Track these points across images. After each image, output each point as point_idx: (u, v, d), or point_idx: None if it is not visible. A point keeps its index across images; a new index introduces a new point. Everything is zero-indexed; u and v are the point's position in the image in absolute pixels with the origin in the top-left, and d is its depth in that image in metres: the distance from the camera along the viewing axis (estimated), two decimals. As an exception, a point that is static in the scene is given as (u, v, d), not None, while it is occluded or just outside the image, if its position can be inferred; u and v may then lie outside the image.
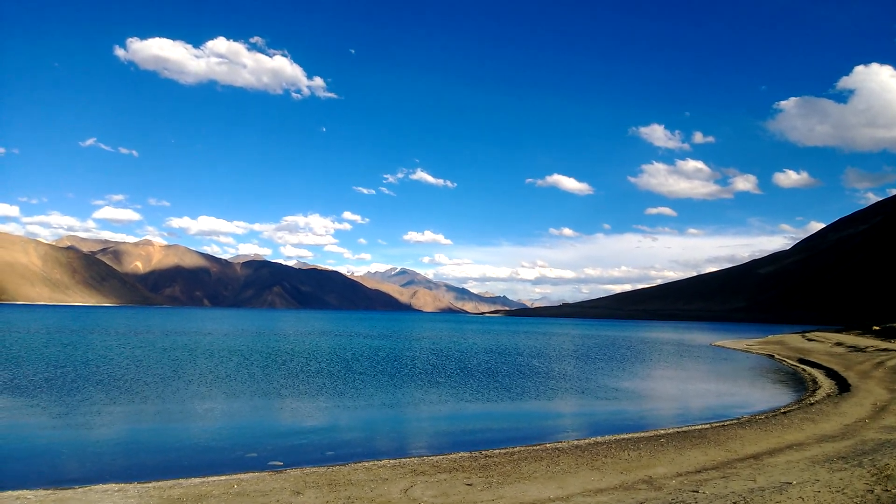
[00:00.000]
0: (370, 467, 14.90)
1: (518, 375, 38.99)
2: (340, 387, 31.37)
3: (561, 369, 44.45)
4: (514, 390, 32.04)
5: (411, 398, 28.47)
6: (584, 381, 37.22)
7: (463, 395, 30.00)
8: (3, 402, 23.77)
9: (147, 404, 24.55)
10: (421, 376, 37.04)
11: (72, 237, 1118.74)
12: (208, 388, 29.82)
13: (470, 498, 11.99)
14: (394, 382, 33.70)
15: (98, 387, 28.51)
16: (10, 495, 11.90)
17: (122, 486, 12.77)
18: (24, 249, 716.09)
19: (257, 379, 33.56)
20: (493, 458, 15.89)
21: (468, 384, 33.83)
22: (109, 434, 19.36)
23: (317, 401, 27.07)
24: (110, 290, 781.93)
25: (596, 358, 57.04)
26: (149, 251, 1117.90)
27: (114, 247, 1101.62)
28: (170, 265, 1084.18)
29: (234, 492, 12.39)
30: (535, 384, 34.79)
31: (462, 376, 37.61)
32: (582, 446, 17.68)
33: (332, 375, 36.08)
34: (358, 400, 27.59)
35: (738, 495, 11.22)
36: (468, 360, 49.71)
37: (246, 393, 28.76)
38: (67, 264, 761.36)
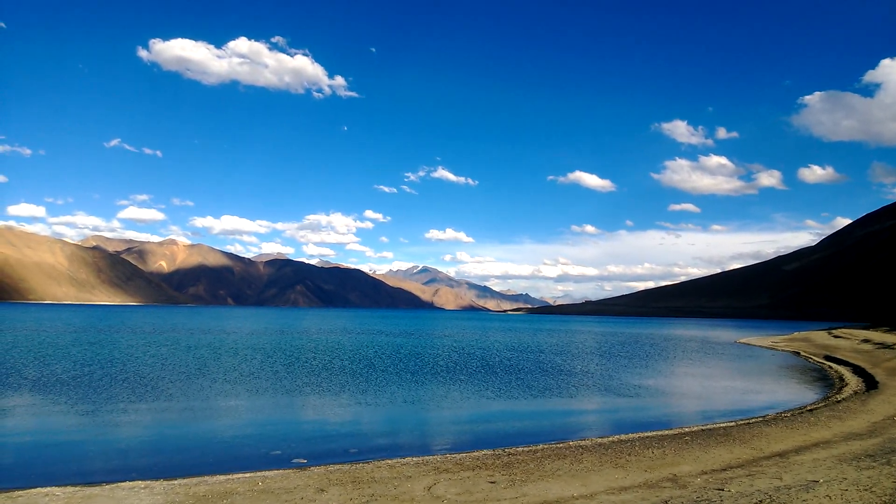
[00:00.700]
0: (393, 465, 14.95)
1: (540, 373, 38.87)
2: (363, 384, 31.51)
3: (584, 367, 44.25)
4: (537, 388, 31.96)
5: (434, 396, 28.51)
6: (607, 378, 37.02)
7: (485, 392, 29.99)
8: (32, 400, 24.21)
9: (172, 402, 24.86)
10: (443, 374, 37.09)
11: (97, 237, 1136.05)
12: (232, 385, 30.12)
13: (493, 496, 11.99)
14: (416, 380, 33.78)
15: (124, 385, 28.93)
16: (40, 492, 12.12)
17: (149, 484, 12.94)
18: (50, 249, 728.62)
19: (281, 377, 33.82)
20: (517, 456, 15.87)
21: (490, 382, 33.80)
22: (135, 432, 19.63)
23: (340, 398, 27.22)
24: (135, 289, 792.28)
25: (619, 355, 56.70)
26: (173, 251, 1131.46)
27: (138, 246, 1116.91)
28: (194, 264, 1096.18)
29: (258, 489, 12.50)
30: (558, 382, 34.66)
31: (484, 374, 37.59)
32: (605, 444, 17.58)
33: (354, 373, 36.26)
34: (380, 397, 27.69)
35: (763, 493, 11.09)
36: (490, 358, 49.67)
37: (270, 391, 29.01)
38: (93, 264, 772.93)
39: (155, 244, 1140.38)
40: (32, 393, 25.94)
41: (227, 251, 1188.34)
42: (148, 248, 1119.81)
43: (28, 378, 30.30)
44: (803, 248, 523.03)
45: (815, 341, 74.20)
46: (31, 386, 27.86)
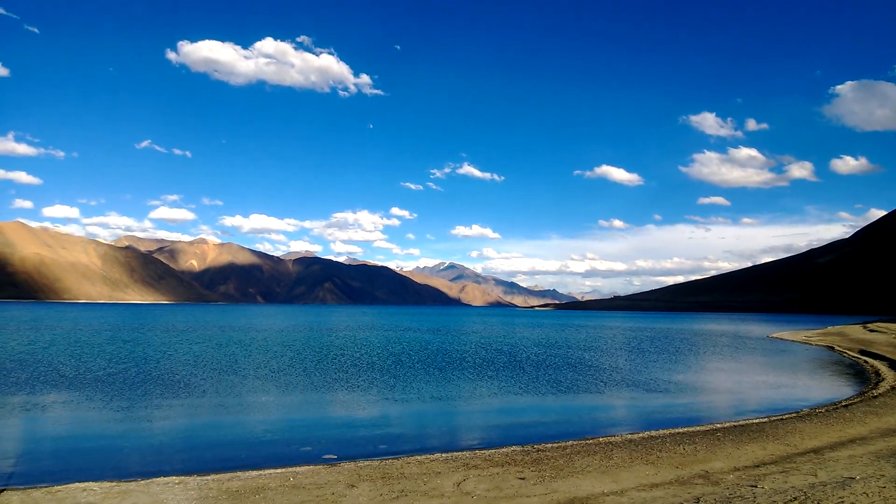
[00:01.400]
0: (422, 461, 15.01)
1: (569, 369, 38.69)
2: (391, 381, 31.66)
3: (612, 362, 43.95)
4: (565, 384, 31.82)
5: (462, 392, 28.54)
6: (636, 374, 36.71)
7: (513, 388, 29.94)
8: (69, 398, 24.75)
9: (205, 399, 25.23)
10: (471, 370, 37.11)
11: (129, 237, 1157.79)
12: (263, 382, 30.48)
13: (523, 492, 11.98)
14: (444, 376, 33.85)
15: (158, 382, 29.45)
16: (77, 487, 12.40)
17: (183, 479, 13.16)
18: (84, 250, 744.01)
19: (310, 373, 34.13)
20: (546, 452, 15.83)
21: (518, 378, 33.74)
22: (169, 428, 19.98)
23: (368, 394, 27.38)
24: (167, 287, 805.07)
25: (648, 351, 56.19)
26: (203, 249, 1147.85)
27: (170, 246, 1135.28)
28: (224, 263, 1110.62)
29: (290, 484, 12.64)
30: (587, 377, 34.48)
31: (512, 370, 37.53)
32: (636, 440, 17.45)
33: (382, 369, 36.45)
34: (409, 394, 27.79)
35: (798, 490, 10.91)
36: (518, 354, 49.57)
37: (299, 387, 29.29)
38: (126, 263, 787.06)
39: (186, 243, 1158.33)
40: (70, 390, 26.53)
41: (256, 250, 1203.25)
42: (179, 247, 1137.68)
43: (66, 375, 30.99)
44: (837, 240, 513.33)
45: (849, 336, 72.76)
46: (69, 383, 28.49)
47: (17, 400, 23.87)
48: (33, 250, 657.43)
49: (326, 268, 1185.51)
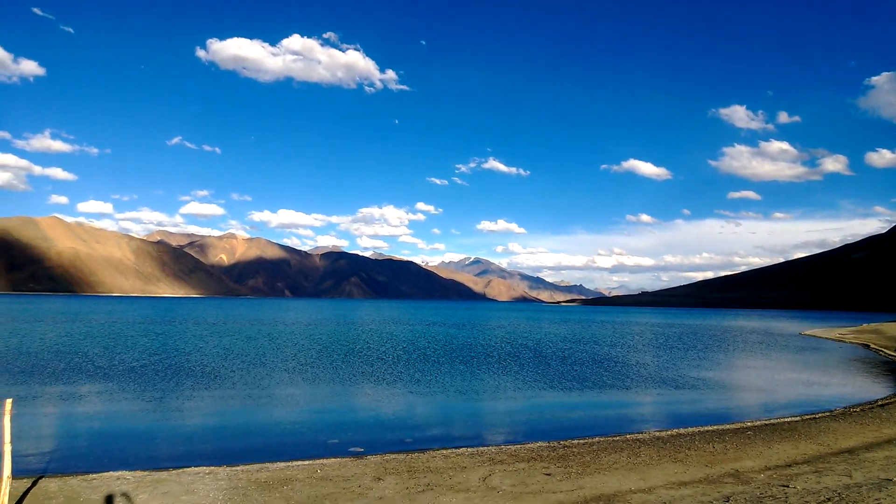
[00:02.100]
0: (448, 455, 15.04)
1: (595, 365, 38.45)
2: (417, 375, 31.75)
3: (640, 359, 43.56)
4: (592, 380, 31.62)
5: (487, 387, 28.52)
6: (664, 370, 36.35)
7: (539, 384, 29.84)
8: (104, 388, 25.26)
9: (234, 391, 25.56)
10: (496, 365, 37.07)
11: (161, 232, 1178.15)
12: (291, 375, 30.78)
13: (549, 488, 11.94)
14: (469, 371, 33.85)
15: (189, 374, 29.92)
16: (111, 475, 12.66)
17: (213, 469, 13.36)
18: (118, 244, 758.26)
19: (337, 367, 34.38)
20: (572, 449, 15.76)
21: (544, 373, 33.62)
22: (200, 419, 20.28)
23: (395, 388, 27.49)
24: (197, 281, 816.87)
25: (676, 347, 55.59)
26: (232, 244, 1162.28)
27: (200, 240, 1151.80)
28: (252, 257, 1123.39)
29: (317, 476, 12.76)
30: (613, 374, 34.22)
31: (538, 365, 37.41)
32: (664, 438, 17.29)
33: (408, 364, 36.58)
34: (434, 388, 27.85)
35: (832, 491, 10.71)
36: (544, 350, 49.39)
37: (327, 380, 29.53)
38: (158, 258, 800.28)
39: (215, 238, 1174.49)
40: (104, 381, 27.08)
41: (283, 244, 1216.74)
42: (209, 241, 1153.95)
43: (101, 367, 31.65)
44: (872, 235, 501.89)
45: (886, 333, 71.19)
46: (104, 374, 29.09)
47: (54, 390, 24.43)
48: (69, 245, 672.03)
49: (353, 262, 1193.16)
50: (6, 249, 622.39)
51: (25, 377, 27.74)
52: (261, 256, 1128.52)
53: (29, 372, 29.36)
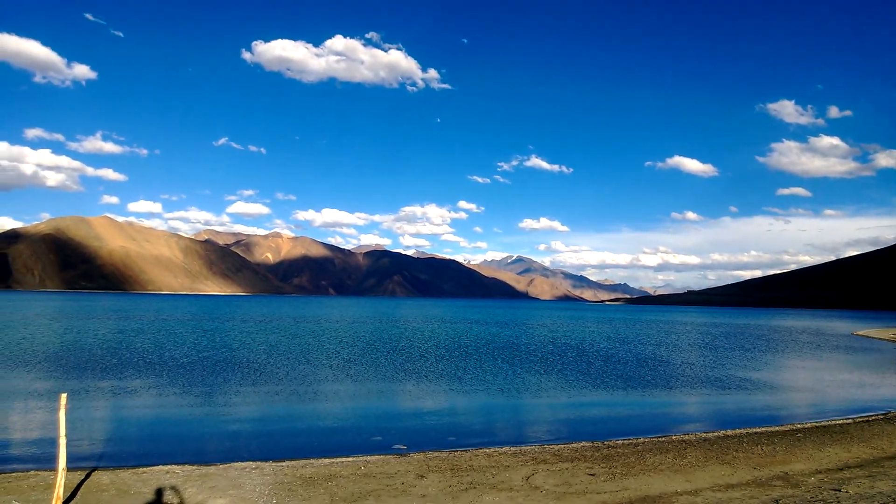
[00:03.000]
0: (491, 454, 15.02)
1: (639, 364, 37.92)
2: (459, 373, 31.79)
3: (685, 358, 42.80)
4: (636, 379, 31.20)
5: (529, 385, 28.37)
6: (710, 370, 35.64)
7: (582, 383, 29.57)
8: (154, 384, 25.95)
9: (279, 387, 25.97)
10: (539, 364, 36.85)
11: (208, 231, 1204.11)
12: (335, 372, 31.14)
13: (593, 488, 11.83)
14: (512, 369, 33.74)
15: (236, 370, 30.54)
16: (161, 469, 13.00)
17: (259, 465, 13.60)
18: (167, 243, 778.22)
19: (380, 364, 34.65)
20: (616, 449, 15.58)
21: (587, 372, 33.31)
22: (246, 415, 20.67)
23: (437, 386, 27.58)
24: (243, 279, 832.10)
25: (723, 347, 54.44)
26: (278, 243, 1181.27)
27: (246, 239, 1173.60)
28: (297, 256, 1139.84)
29: (361, 473, 12.89)
30: (658, 374, 33.71)
31: (581, 364, 37.07)
32: (710, 439, 16.96)
33: (451, 362, 36.63)
34: (477, 386, 27.84)
35: (886, 496, 10.37)
36: (587, 349, 48.93)
37: (370, 377, 29.78)
38: (205, 256, 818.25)
39: (261, 237, 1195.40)
40: (154, 376, 27.84)
41: (328, 243, 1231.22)
42: (254, 240, 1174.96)
43: (151, 363, 32.54)
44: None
45: (945, 334, 68.50)
46: (154, 370, 29.90)
47: (106, 385, 25.21)
48: (120, 244, 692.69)
49: (395, 261, 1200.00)
50: (60, 248, 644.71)
51: (79, 372, 28.70)
52: (305, 255, 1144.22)
53: (82, 367, 30.36)
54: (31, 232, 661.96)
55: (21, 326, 60.04)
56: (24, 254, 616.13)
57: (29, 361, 32.15)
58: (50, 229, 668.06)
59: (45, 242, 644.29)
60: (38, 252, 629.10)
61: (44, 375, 27.76)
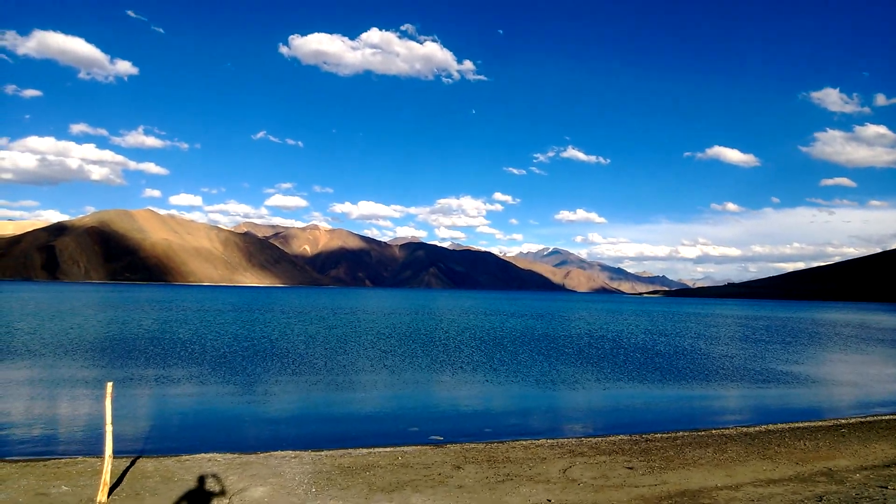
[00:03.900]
0: (528, 446, 15.01)
1: (678, 357, 37.43)
2: (495, 365, 31.79)
3: (725, 352, 42.09)
4: (674, 372, 30.82)
5: (566, 378, 28.22)
6: (751, 364, 35.00)
7: (619, 376, 29.31)
8: (195, 373, 26.52)
9: (318, 377, 26.31)
10: (575, 356, 36.63)
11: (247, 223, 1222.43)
12: (372, 363, 31.41)
13: (631, 482, 11.74)
14: (548, 362, 33.60)
15: (275, 360, 31.02)
16: (203, 457, 13.29)
17: (298, 454, 13.81)
18: (207, 236, 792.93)
19: (417, 355, 34.83)
20: (655, 443, 15.43)
21: (625, 365, 33.01)
22: (285, 404, 20.99)
23: (473, 378, 27.62)
24: (282, 271, 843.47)
25: (764, 340, 53.40)
26: (315, 235, 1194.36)
27: (284, 231, 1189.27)
28: (334, 248, 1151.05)
29: (398, 463, 13.00)
30: (697, 367, 33.23)
31: (618, 357, 36.74)
32: (751, 434, 16.68)
33: (486, 353, 36.64)
34: (513, 378, 27.80)
35: (938, 495, 10.08)
36: (624, 341, 48.46)
37: (406, 368, 29.95)
38: (244, 248, 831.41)
39: (299, 229, 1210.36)
40: (196, 366, 28.45)
41: (364, 235, 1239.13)
42: (292, 233, 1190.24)
43: (193, 352, 33.25)
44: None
45: None
46: (196, 360, 30.56)
47: (150, 374, 25.85)
48: (162, 236, 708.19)
49: (431, 253, 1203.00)
50: (105, 241, 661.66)
51: (124, 362, 29.47)
52: (342, 247, 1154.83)
53: (127, 357, 31.17)
54: (76, 225, 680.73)
55: (69, 317, 61.86)
56: (71, 246, 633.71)
57: (76, 351, 33.13)
58: (95, 222, 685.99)
59: (91, 235, 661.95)
60: (84, 244, 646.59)
61: (90, 364, 28.58)
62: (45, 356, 30.64)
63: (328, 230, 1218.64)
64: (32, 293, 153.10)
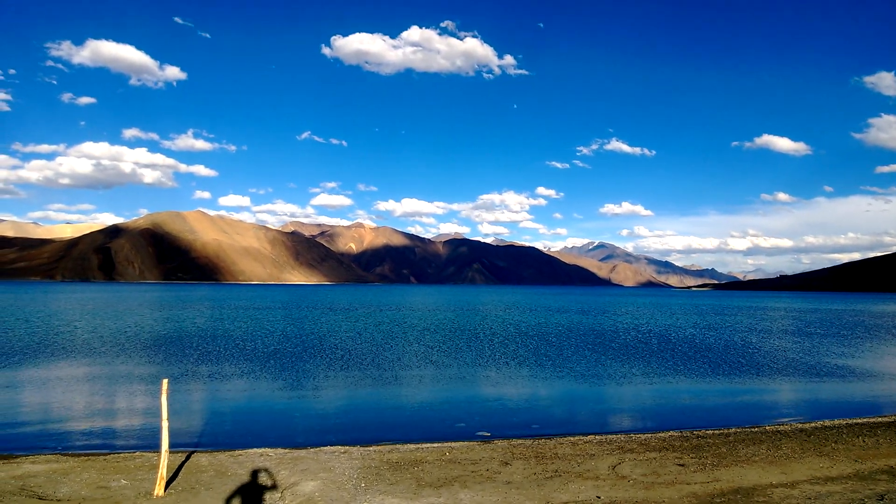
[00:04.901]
0: (576, 442, 14.90)
1: (728, 351, 36.61)
2: (541, 360, 31.62)
3: (778, 346, 41.00)
4: (725, 367, 30.17)
5: (613, 373, 27.89)
6: (805, 358, 34.03)
7: (668, 371, 28.83)
8: (247, 369, 27.09)
9: (365, 373, 26.59)
10: (622, 351, 36.17)
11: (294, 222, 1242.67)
12: (418, 358, 31.59)
13: (682, 479, 11.54)
14: (594, 357, 33.26)
15: (324, 357, 31.48)
16: (255, 452, 13.58)
17: (347, 449, 13.99)
18: (255, 235, 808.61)
19: (462, 351, 34.88)
20: (706, 439, 15.14)
21: (673, 360, 32.46)
22: (333, 400, 21.27)
23: (519, 373, 27.53)
24: (328, 269, 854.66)
25: (819, 334, 51.84)
26: (360, 233, 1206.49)
27: (330, 230, 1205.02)
28: (379, 245, 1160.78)
29: (446, 458, 13.05)
30: (748, 361, 32.47)
31: (666, 352, 36.14)
32: (807, 430, 16.22)
33: (531, 349, 36.45)
34: (559, 373, 27.60)
35: None
36: (672, 335, 47.64)
37: (452, 364, 30.02)
38: (291, 247, 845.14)
39: (344, 227, 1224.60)
40: (248, 362, 29.06)
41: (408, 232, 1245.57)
42: (338, 231, 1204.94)
43: (244, 349, 33.98)
44: None
45: None
46: (247, 356, 31.22)
47: (203, 370, 26.52)
48: (212, 236, 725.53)
49: (474, 249, 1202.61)
50: (158, 242, 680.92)
51: (179, 359, 30.31)
52: (387, 244, 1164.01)
53: (181, 354, 32.03)
54: (130, 227, 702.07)
55: (125, 316, 63.88)
56: (125, 247, 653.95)
57: (134, 348, 34.20)
58: (148, 224, 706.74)
59: (144, 236, 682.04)
60: (138, 246, 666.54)
61: (147, 361, 29.48)
62: (105, 354, 31.73)
63: (372, 228, 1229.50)
64: (91, 294, 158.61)
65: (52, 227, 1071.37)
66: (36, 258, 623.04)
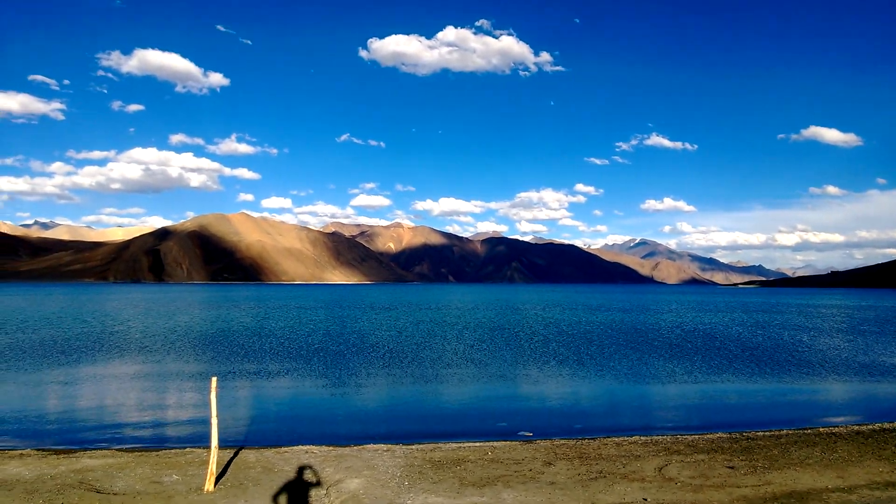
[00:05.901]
0: (620, 443, 14.65)
1: (778, 350, 35.66)
2: (583, 359, 31.26)
3: (831, 345, 39.77)
4: (774, 367, 29.38)
5: (657, 372, 27.40)
6: (859, 357, 32.92)
7: (715, 370, 28.20)
8: (292, 367, 27.43)
9: (407, 371, 26.66)
10: (666, 350, 35.53)
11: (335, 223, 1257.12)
12: (458, 357, 31.55)
13: (732, 482, 11.24)
14: (638, 356, 32.74)
15: (365, 355, 31.69)
16: (300, 449, 13.71)
17: (390, 447, 14.02)
18: (297, 236, 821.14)
19: (502, 349, 34.72)
20: (757, 441, 14.72)
21: (720, 359, 31.76)
22: (376, 398, 21.37)
23: (560, 372, 27.26)
24: (368, 269, 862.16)
25: (873, 332, 50.14)
26: (399, 233, 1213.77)
27: (369, 230, 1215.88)
28: (418, 245, 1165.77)
29: (488, 458, 12.97)
30: (799, 361, 31.56)
31: (712, 351, 35.37)
32: (864, 432, 15.65)
33: (573, 347, 36.08)
34: (602, 373, 27.24)
35: None
36: (718, 334, 46.63)
37: (492, 363, 29.90)
38: (332, 248, 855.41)
39: (383, 227, 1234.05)
40: (292, 360, 29.46)
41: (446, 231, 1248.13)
42: (377, 231, 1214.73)
43: (289, 348, 34.48)
44: None
45: None
46: (292, 355, 31.66)
47: (250, 368, 26.94)
48: (256, 238, 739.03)
49: (512, 247, 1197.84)
50: (205, 244, 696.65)
51: (226, 357, 30.88)
52: (425, 244, 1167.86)
53: (229, 352, 32.62)
54: (178, 229, 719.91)
55: (175, 315, 65.43)
56: (174, 249, 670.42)
57: (184, 347, 34.99)
58: (195, 226, 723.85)
59: (192, 239, 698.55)
60: (186, 248, 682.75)
61: (196, 359, 30.14)
62: (157, 352, 32.53)
63: (411, 228, 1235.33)
64: (142, 294, 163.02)
65: (105, 230, 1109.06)
66: (90, 260, 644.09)
